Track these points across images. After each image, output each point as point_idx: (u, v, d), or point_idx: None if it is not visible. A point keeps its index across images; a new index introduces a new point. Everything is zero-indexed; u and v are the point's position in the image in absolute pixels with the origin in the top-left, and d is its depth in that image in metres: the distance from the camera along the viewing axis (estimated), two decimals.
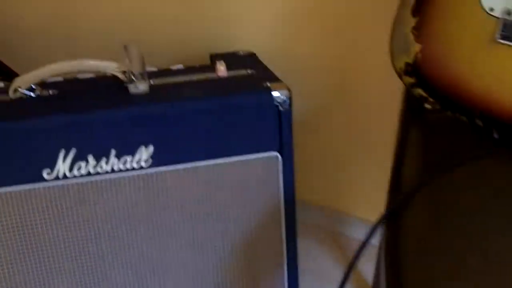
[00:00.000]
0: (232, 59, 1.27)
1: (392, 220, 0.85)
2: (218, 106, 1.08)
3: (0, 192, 1.04)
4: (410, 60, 0.91)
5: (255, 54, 1.32)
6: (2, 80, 1.50)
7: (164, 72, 1.21)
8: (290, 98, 1.09)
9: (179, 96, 1.08)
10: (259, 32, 1.43)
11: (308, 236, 1.56)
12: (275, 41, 1.42)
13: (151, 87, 1.11)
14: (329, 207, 1.59)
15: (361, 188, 1.53)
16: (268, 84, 1.10)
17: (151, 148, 1.07)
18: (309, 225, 1.57)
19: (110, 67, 1.11)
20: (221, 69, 1.17)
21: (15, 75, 1.48)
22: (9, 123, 1.01)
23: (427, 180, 0.87)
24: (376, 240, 1.54)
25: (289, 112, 1.10)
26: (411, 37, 0.89)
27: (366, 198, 1.53)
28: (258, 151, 1.12)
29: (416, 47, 0.89)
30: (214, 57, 1.28)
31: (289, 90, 1.09)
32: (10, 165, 1.03)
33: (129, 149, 1.06)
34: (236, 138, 1.10)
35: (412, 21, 0.89)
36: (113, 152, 1.06)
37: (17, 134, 1.01)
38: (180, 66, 1.25)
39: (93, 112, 1.04)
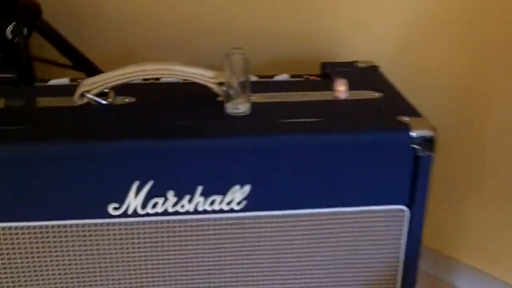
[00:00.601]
0: (351, 73, 1.01)
1: None
2: (337, 143, 0.83)
3: (53, 225, 0.82)
4: None
5: (377, 68, 1.05)
6: (79, 70, 1.27)
7: (267, 85, 0.96)
8: (433, 141, 0.83)
9: (290, 126, 0.83)
10: (380, 39, 1.16)
11: None
12: (399, 53, 1.15)
13: (253, 106, 0.87)
14: (436, 251, 1.33)
15: (474, 233, 1.27)
16: (406, 120, 0.84)
17: (247, 188, 0.83)
18: None
19: (204, 76, 0.87)
20: (341, 90, 0.92)
21: (96, 71, 1.25)
22: (68, 143, 0.78)
23: None
24: None
25: (429, 158, 0.84)
26: None
27: (479, 245, 1.27)
28: (379, 203, 0.87)
29: None
30: (327, 67, 1.03)
31: (433, 129, 0.83)
32: (69, 195, 0.81)
33: (220, 188, 0.83)
34: (355, 184, 0.85)
35: None
36: (199, 189, 0.82)
37: (78, 157, 0.79)
38: (285, 77, 1.01)
39: (178, 137, 0.80)
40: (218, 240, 0.86)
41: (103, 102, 0.87)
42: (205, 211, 0.84)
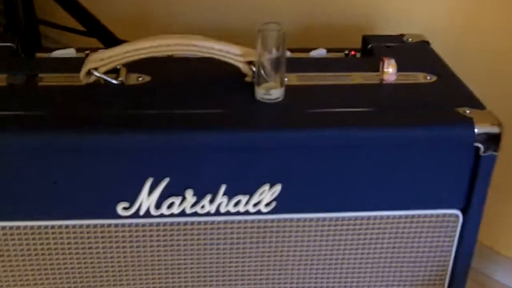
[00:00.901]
0: (398, 49, 0.88)
1: None
2: (385, 139, 0.70)
3: (54, 225, 0.71)
4: None
5: (428, 44, 0.92)
6: (93, 36, 1.13)
7: (302, 62, 0.84)
8: (499, 138, 0.70)
9: (331, 117, 0.71)
10: (425, 10, 1.02)
11: None
12: (446, 26, 1.01)
13: (287, 90, 0.74)
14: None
15: None
16: (468, 112, 0.71)
17: (277, 188, 0.71)
18: None
19: (231, 54, 0.74)
20: (390, 72, 0.79)
21: (111, 38, 1.12)
22: (70, 133, 0.67)
23: None
24: None
25: (493, 158, 0.71)
26: None
27: None
28: (429, 207, 0.76)
29: None
30: (371, 42, 0.90)
31: (500, 125, 0.70)
32: (72, 192, 0.70)
33: (247, 187, 0.71)
34: (402, 185, 0.74)
35: None
36: (222, 188, 0.71)
37: (82, 150, 0.67)
38: (322, 52, 0.88)
39: (199, 128, 0.68)
40: (242, 245, 0.75)
41: (113, 81, 0.75)
42: (228, 213, 0.72)
